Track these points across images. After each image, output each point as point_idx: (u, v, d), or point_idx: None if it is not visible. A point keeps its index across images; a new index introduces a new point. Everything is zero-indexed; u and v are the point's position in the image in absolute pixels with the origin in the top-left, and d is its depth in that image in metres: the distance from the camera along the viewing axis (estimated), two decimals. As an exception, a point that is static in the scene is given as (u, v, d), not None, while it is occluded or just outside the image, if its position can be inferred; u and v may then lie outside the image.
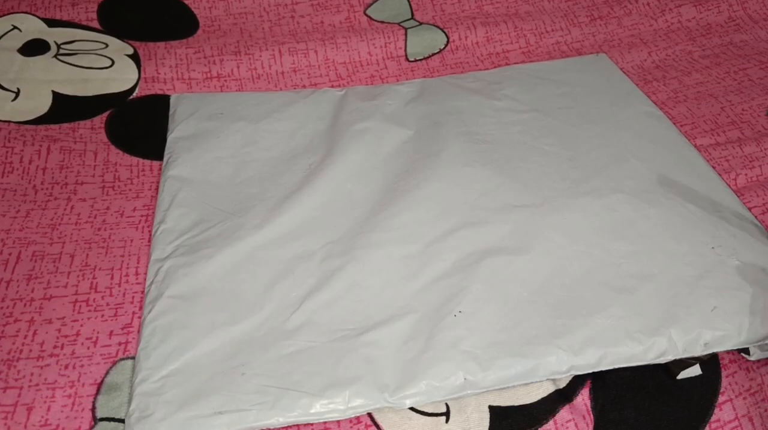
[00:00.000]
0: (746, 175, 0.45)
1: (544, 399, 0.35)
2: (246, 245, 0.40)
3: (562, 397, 0.35)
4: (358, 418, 0.34)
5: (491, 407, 0.34)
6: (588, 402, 0.34)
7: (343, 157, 0.46)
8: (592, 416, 0.34)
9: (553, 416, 0.34)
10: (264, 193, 0.44)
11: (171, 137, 0.48)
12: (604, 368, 0.35)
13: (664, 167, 0.44)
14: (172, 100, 0.52)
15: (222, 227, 0.41)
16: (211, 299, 0.37)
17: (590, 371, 0.35)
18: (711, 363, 0.36)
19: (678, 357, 0.35)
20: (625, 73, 0.57)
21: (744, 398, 0.34)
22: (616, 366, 0.35)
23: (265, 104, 0.51)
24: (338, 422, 0.34)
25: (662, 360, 0.35)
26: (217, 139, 0.48)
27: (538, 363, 0.34)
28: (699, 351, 0.35)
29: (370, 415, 0.34)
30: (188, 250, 0.40)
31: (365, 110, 0.51)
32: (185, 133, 0.48)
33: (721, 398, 0.34)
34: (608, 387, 0.35)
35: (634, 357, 0.34)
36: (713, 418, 0.34)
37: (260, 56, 0.56)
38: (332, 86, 0.55)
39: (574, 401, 0.34)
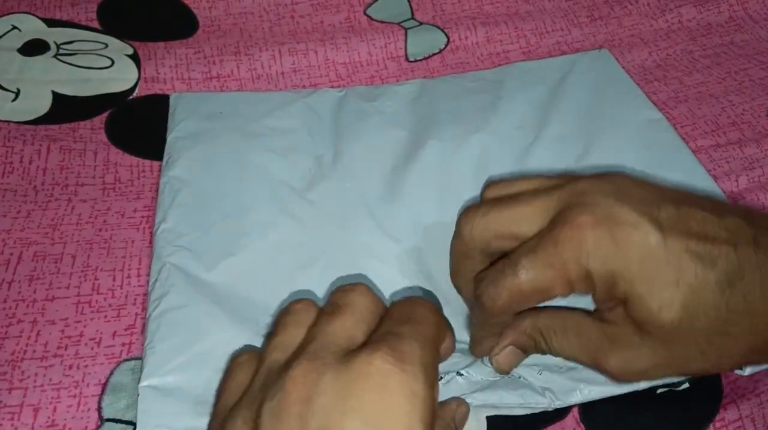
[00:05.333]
0: (747, 176, 0.45)
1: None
2: (248, 248, 0.40)
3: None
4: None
5: (489, 418, 0.34)
6: (577, 414, 0.34)
7: (343, 157, 0.46)
8: (582, 425, 0.34)
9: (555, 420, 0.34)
10: (264, 194, 0.44)
11: (171, 137, 0.48)
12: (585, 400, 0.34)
13: (663, 178, 0.44)
14: (171, 100, 0.51)
15: (224, 228, 0.41)
16: (215, 300, 0.37)
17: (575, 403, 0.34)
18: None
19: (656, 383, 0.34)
20: (626, 72, 0.57)
21: (748, 399, 0.34)
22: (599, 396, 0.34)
23: (265, 103, 0.51)
24: None
25: (639, 387, 0.34)
26: (218, 139, 0.48)
27: (527, 400, 0.33)
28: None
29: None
30: (191, 250, 0.40)
31: (365, 111, 0.50)
32: (185, 133, 0.48)
33: (724, 400, 0.34)
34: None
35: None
36: (717, 418, 0.34)
37: (260, 56, 0.56)
38: (332, 86, 0.55)
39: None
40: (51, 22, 0.58)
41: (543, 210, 0.29)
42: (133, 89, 0.53)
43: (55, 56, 0.54)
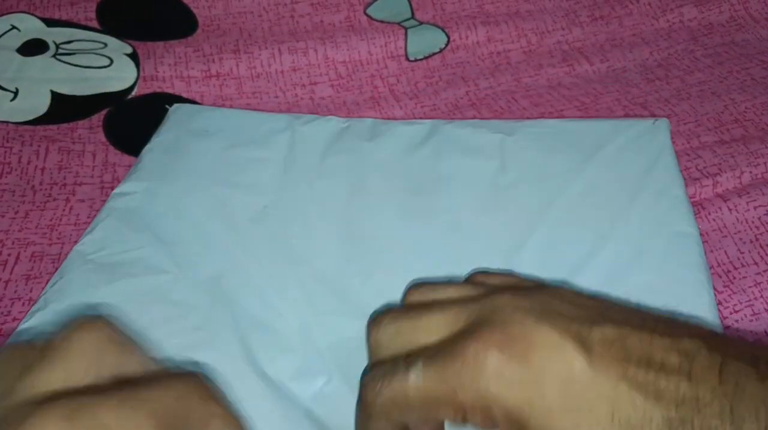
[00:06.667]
0: (751, 172, 0.44)
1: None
2: (150, 279, 0.37)
3: None
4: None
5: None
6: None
7: (300, 204, 0.42)
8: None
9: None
10: (204, 228, 0.40)
11: (146, 148, 0.46)
12: None
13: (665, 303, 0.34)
14: (170, 110, 0.49)
15: (144, 254, 0.38)
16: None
17: None
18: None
19: None
20: (627, 71, 0.57)
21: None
22: None
23: (256, 127, 0.47)
24: None
25: None
26: (188, 159, 0.45)
27: None
28: None
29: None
30: (96, 267, 0.37)
31: (356, 153, 0.45)
32: (161, 147, 0.46)
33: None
34: None
35: None
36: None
37: (260, 55, 0.56)
38: (332, 85, 0.55)
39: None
40: (50, 22, 0.58)
41: (453, 321, 0.25)
42: (132, 88, 0.53)
43: (54, 56, 0.54)
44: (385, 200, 0.42)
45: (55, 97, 0.51)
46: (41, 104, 0.51)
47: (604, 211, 0.40)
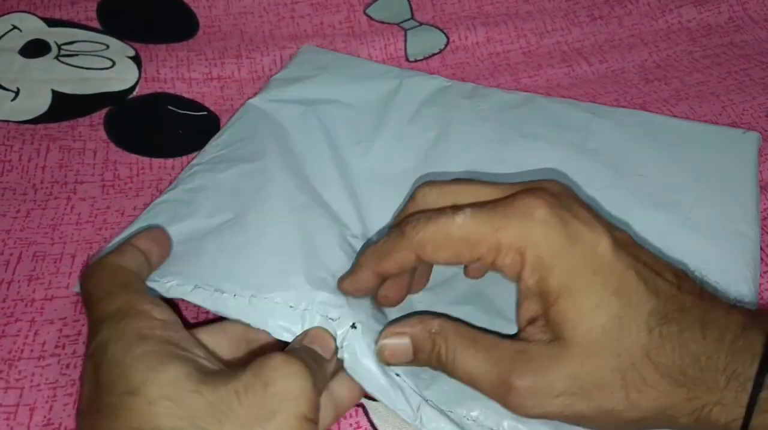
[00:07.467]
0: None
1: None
2: (261, 165, 0.42)
3: None
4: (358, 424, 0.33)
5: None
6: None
7: (389, 143, 0.46)
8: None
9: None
10: (304, 143, 0.45)
11: (275, 76, 0.52)
12: None
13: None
14: (300, 49, 0.56)
15: (257, 147, 0.44)
16: (215, 196, 0.40)
17: None
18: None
19: None
20: (625, 72, 0.57)
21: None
22: None
23: (372, 71, 0.53)
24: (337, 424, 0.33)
25: None
26: (312, 83, 0.51)
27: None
28: None
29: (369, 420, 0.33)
30: (219, 159, 0.43)
31: (450, 105, 0.49)
32: (288, 76, 0.52)
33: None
34: None
35: None
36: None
37: (261, 60, 0.56)
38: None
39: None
40: (51, 22, 0.58)
41: (501, 192, 0.30)
42: (133, 88, 0.53)
43: (56, 57, 0.54)
44: (467, 146, 0.45)
45: (56, 95, 0.52)
46: (42, 103, 0.51)
47: (672, 196, 0.42)
